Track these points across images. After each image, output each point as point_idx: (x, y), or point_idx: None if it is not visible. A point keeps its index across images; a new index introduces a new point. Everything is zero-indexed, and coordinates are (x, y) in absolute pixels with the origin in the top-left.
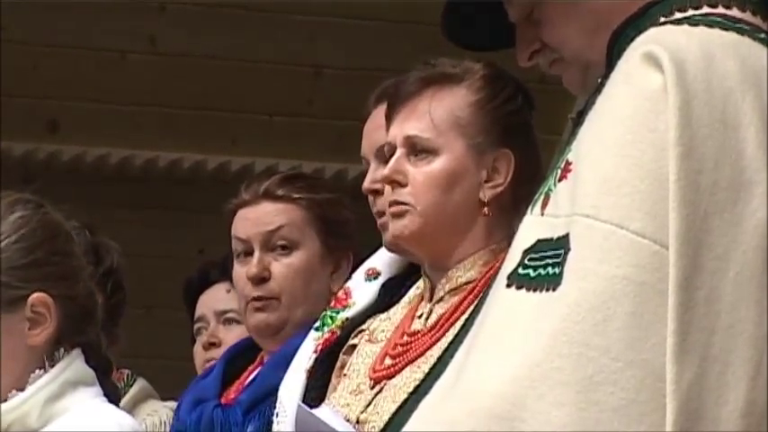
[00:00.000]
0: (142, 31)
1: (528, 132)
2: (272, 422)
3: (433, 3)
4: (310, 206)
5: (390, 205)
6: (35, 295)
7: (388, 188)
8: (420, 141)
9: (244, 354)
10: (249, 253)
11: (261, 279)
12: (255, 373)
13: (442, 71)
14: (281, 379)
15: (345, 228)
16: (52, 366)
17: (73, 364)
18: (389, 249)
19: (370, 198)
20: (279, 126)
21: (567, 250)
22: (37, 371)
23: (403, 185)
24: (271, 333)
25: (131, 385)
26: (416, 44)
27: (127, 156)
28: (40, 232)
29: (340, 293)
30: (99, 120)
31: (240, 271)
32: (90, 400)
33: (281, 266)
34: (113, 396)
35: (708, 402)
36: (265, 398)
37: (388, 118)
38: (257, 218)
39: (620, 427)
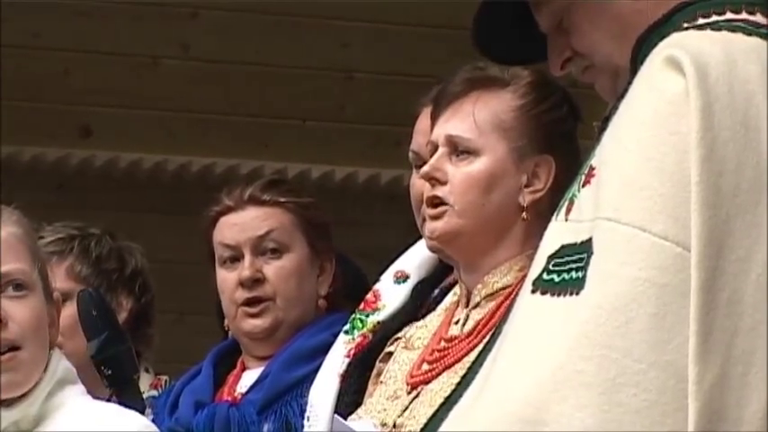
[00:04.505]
0: (174, 37)
1: (571, 142)
2: (289, 421)
3: (466, 7)
4: (296, 210)
5: (428, 202)
6: None
7: (427, 185)
8: (462, 141)
9: (228, 357)
10: (237, 259)
11: (254, 281)
12: (261, 372)
13: (488, 74)
14: (294, 378)
15: (328, 231)
16: None
17: (60, 364)
18: (431, 249)
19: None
20: (311, 131)
21: (591, 254)
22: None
23: (442, 183)
24: (264, 337)
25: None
26: (450, 49)
27: (159, 161)
28: None
29: (369, 296)
30: (131, 125)
31: (228, 276)
32: (80, 397)
33: (273, 269)
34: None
35: (730, 403)
36: (279, 397)
37: (433, 117)
38: (245, 223)
39: (642, 429)
